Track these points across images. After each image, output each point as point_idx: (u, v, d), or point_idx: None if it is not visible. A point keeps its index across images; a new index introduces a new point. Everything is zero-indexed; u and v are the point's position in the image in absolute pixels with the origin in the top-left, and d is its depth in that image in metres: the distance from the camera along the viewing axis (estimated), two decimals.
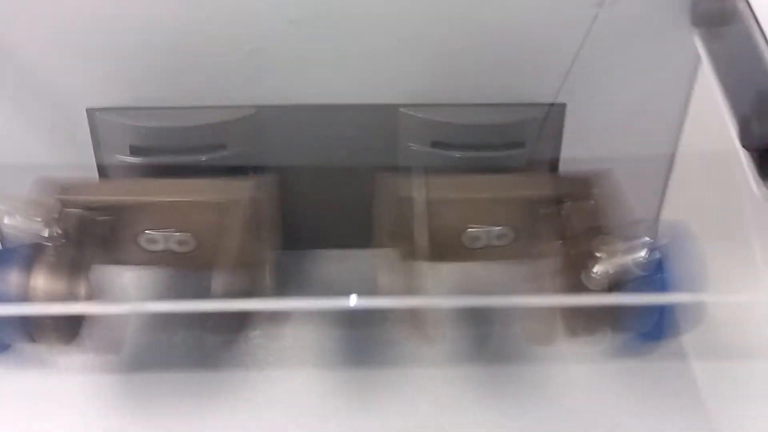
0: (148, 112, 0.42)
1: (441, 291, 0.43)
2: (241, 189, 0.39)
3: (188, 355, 0.43)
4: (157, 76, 0.41)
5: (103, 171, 0.43)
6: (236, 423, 0.41)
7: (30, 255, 0.36)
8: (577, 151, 0.43)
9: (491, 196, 0.39)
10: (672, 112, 0.42)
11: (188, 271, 0.41)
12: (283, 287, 0.45)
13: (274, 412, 0.42)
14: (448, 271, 0.45)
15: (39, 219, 0.36)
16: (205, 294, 0.39)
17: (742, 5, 0.36)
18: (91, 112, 0.42)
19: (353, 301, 0.34)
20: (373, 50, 0.40)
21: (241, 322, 0.40)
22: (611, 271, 0.34)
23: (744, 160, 0.34)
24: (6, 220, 0.36)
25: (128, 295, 0.42)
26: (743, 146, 0.34)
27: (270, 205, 0.40)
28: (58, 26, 0.39)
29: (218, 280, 0.37)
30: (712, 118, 0.38)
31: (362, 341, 0.44)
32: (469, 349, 0.43)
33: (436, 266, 0.39)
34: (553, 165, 0.43)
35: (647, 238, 0.34)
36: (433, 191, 0.39)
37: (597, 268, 0.34)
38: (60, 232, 0.36)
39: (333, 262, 0.48)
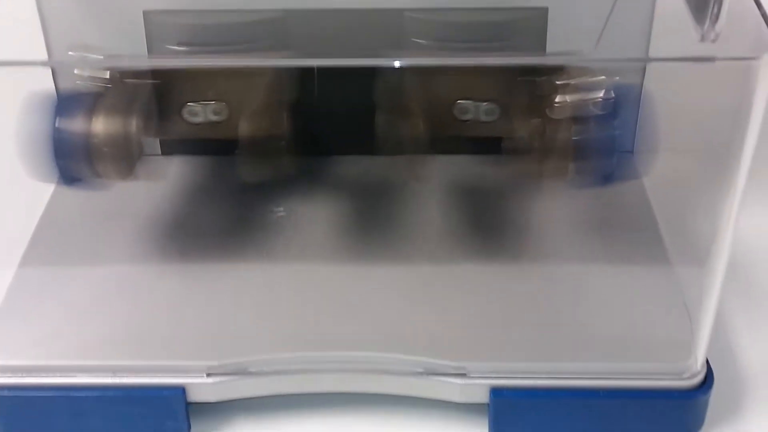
0: (194, 13, 0.50)
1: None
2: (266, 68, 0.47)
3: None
4: None
5: None
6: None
7: (91, 101, 0.43)
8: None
9: (479, 70, 0.46)
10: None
11: (224, 139, 0.48)
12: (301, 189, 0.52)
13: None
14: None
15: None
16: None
17: None
18: (146, 14, 0.51)
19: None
20: None
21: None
22: (570, 101, 0.41)
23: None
24: (76, 70, 0.43)
25: None
26: None
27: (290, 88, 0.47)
28: None
29: (243, 126, 0.44)
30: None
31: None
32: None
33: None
34: None
35: (604, 78, 0.41)
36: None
37: (559, 98, 0.41)
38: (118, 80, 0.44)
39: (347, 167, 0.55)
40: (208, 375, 0.43)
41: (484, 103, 0.46)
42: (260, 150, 0.43)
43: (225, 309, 0.45)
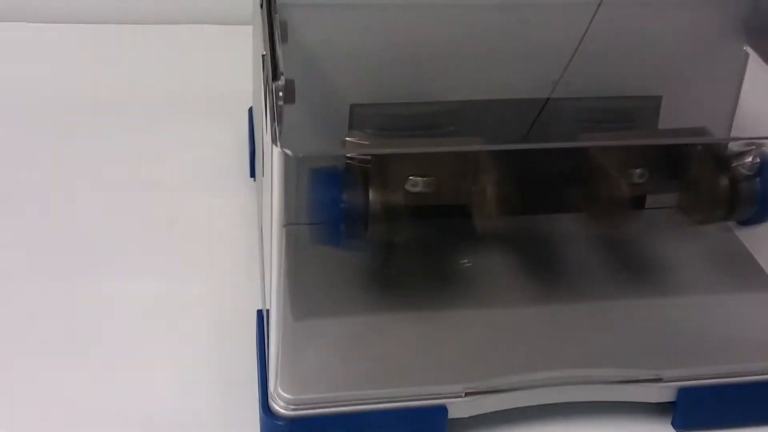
0: (392, 106, 0.62)
1: None
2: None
3: None
4: (398, 82, 0.61)
5: None
6: None
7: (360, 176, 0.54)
8: None
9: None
10: None
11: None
12: None
13: None
14: None
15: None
16: None
17: None
18: (352, 107, 0.62)
19: None
20: None
21: None
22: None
23: None
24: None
25: None
26: None
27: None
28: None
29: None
30: None
31: None
32: None
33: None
34: None
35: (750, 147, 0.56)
36: None
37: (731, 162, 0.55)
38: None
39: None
40: (466, 395, 0.53)
41: (639, 170, 0.59)
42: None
43: (466, 338, 0.56)
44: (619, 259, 0.63)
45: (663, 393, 0.56)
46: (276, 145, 0.45)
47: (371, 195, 0.53)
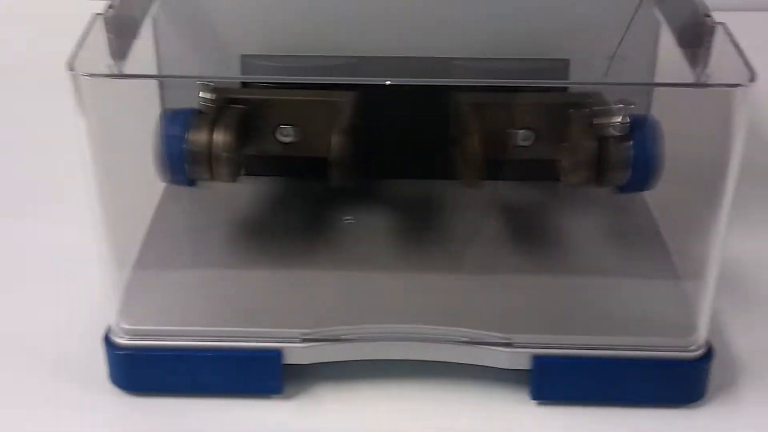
0: (283, 58, 0.62)
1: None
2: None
3: None
4: (295, 31, 0.61)
5: None
6: None
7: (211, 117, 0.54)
8: None
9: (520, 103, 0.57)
10: None
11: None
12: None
13: None
14: None
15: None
16: None
17: None
18: (243, 57, 0.62)
19: None
20: None
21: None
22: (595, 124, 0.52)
23: None
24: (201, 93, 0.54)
25: None
26: None
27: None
28: None
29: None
30: None
31: None
32: None
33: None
34: None
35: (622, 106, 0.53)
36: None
37: (587, 123, 0.52)
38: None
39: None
40: (303, 341, 0.52)
41: (522, 131, 0.57)
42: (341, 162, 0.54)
43: (314, 288, 0.55)
44: (494, 224, 0.61)
45: (515, 359, 0.53)
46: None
47: (214, 137, 0.53)
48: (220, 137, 0.53)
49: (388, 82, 0.54)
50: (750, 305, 0.62)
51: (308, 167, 0.56)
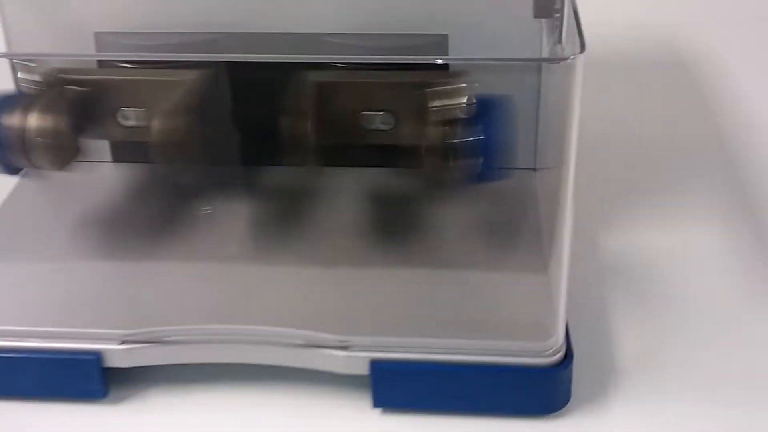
0: (140, 35, 0.58)
1: None
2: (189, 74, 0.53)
3: None
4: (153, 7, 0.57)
5: None
6: None
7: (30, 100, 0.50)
8: None
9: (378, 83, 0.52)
10: None
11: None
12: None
13: None
14: None
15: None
16: None
17: None
18: (97, 35, 0.58)
19: None
20: None
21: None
22: (438, 106, 0.47)
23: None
24: (20, 74, 0.51)
25: None
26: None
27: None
28: None
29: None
30: None
31: None
32: None
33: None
34: None
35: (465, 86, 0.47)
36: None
37: (430, 105, 0.47)
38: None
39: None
40: (123, 342, 0.49)
41: (381, 113, 0.52)
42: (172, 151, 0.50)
43: (141, 286, 0.51)
44: (354, 214, 0.56)
45: (352, 364, 0.49)
46: None
47: (28, 121, 0.49)
48: (33, 121, 0.49)
49: (225, 59, 0.50)
50: (651, 306, 0.57)
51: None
